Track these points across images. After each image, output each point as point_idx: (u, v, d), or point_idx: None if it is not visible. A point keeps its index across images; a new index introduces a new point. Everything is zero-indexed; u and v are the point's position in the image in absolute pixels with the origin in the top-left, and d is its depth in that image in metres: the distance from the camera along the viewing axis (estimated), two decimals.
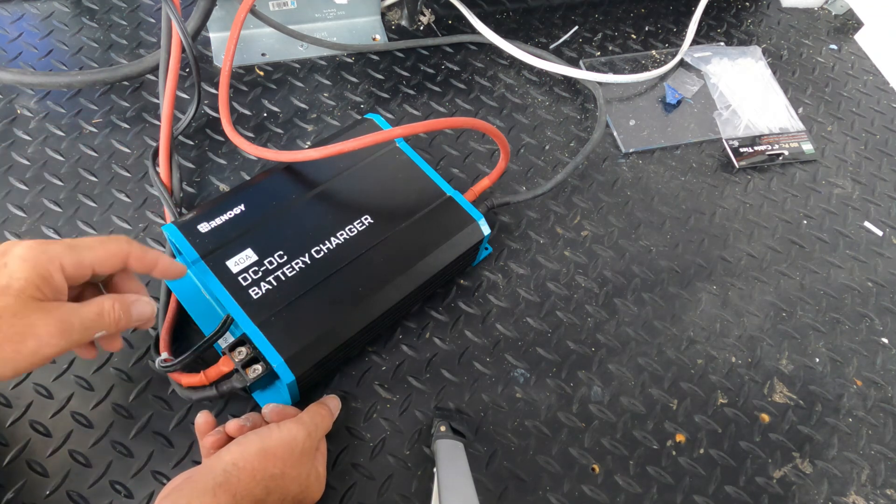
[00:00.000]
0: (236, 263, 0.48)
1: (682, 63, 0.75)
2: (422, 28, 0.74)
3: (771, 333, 0.58)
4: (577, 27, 0.77)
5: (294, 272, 0.48)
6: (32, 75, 0.59)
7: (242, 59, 0.68)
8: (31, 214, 0.56)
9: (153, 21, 0.70)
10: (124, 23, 0.70)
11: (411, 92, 0.69)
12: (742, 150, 0.69)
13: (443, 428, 0.48)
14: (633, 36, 0.77)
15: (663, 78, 0.74)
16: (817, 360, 0.57)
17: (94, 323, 0.38)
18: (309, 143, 0.64)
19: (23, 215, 0.56)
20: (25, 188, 0.58)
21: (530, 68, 0.72)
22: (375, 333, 0.53)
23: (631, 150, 0.68)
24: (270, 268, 0.48)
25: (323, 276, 0.48)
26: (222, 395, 0.47)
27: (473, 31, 0.73)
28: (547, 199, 0.63)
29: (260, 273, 0.47)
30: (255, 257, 0.48)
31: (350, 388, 0.51)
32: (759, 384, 0.55)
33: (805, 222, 0.65)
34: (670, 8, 0.81)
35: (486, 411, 0.51)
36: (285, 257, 0.48)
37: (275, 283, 0.47)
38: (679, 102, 0.72)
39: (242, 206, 0.50)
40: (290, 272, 0.48)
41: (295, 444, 0.42)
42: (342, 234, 0.50)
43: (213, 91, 0.65)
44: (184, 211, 0.56)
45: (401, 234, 0.51)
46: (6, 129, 0.61)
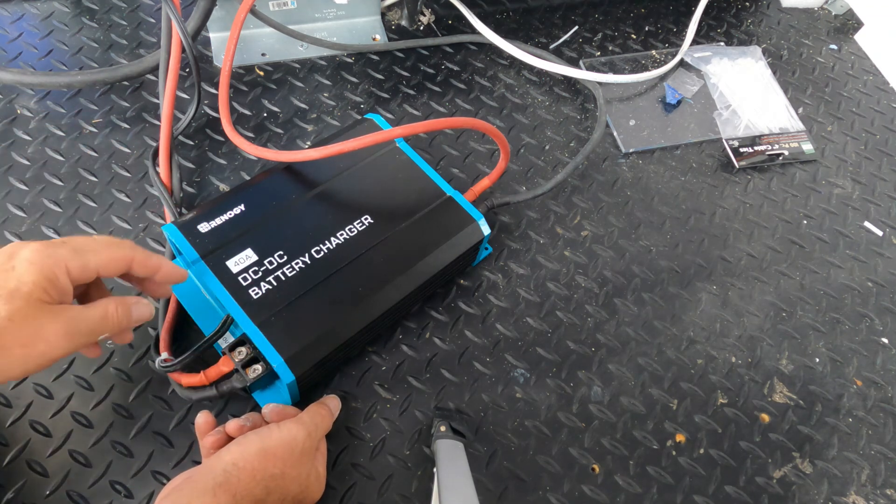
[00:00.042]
0: (236, 263, 0.48)
1: (682, 63, 0.75)
2: (422, 28, 0.74)
3: (771, 333, 0.58)
4: (577, 27, 0.77)
5: (294, 272, 0.48)
6: (32, 75, 0.59)
7: (242, 59, 0.68)
8: (31, 214, 0.56)
9: (153, 21, 0.70)
10: (124, 23, 0.70)
11: (411, 92, 0.69)
12: (742, 150, 0.69)
13: (443, 428, 0.48)
14: (633, 36, 0.77)
15: (663, 78, 0.74)
16: (817, 360, 0.57)
17: (98, 326, 0.39)
18: (309, 143, 0.64)
19: (23, 215, 0.56)
20: (25, 188, 0.58)
21: (530, 68, 0.72)
22: (375, 333, 0.53)
23: (631, 150, 0.68)
24: (270, 268, 0.48)
25: (323, 276, 0.48)
26: (222, 395, 0.47)
27: (473, 31, 0.73)
28: (547, 199, 0.63)
29: (260, 273, 0.47)
30: (255, 257, 0.48)
31: (350, 388, 0.51)
32: (759, 384, 0.55)
33: (805, 222, 0.65)
34: (670, 8, 0.81)
35: (486, 411, 0.51)
36: (285, 257, 0.48)
37: (275, 283, 0.47)
38: (679, 102, 0.72)
39: (242, 206, 0.50)
40: (290, 272, 0.48)
41: (295, 444, 0.42)
42: (342, 234, 0.50)
43: (213, 91, 0.65)
44: (184, 211, 0.56)
45: (401, 234, 0.51)
46: (6, 129, 0.61)
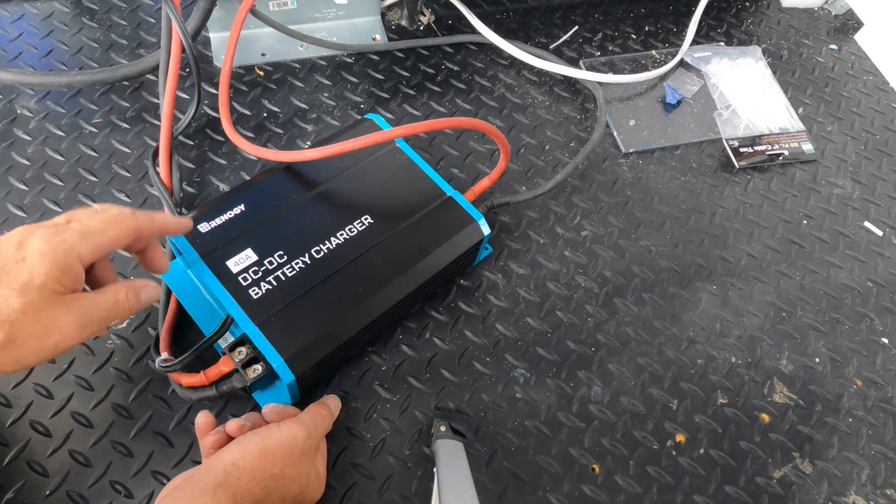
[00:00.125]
0: (236, 263, 0.48)
1: (682, 63, 0.75)
2: (422, 28, 0.74)
3: (771, 333, 0.58)
4: (577, 27, 0.77)
5: (294, 272, 0.48)
6: (32, 75, 0.59)
7: (242, 59, 0.68)
8: (31, 214, 0.56)
9: (153, 21, 0.70)
10: (124, 23, 0.70)
11: (411, 92, 0.69)
12: (742, 150, 0.69)
13: (443, 428, 0.48)
14: (633, 36, 0.77)
15: (663, 78, 0.74)
16: (817, 360, 0.57)
17: (109, 314, 0.39)
18: (309, 143, 0.64)
19: (23, 215, 0.56)
20: (25, 188, 0.58)
21: (530, 68, 0.72)
22: (375, 333, 0.53)
23: (631, 150, 0.68)
24: (270, 268, 0.48)
25: (323, 276, 0.48)
26: (222, 395, 0.47)
27: (473, 31, 0.73)
28: (547, 199, 0.63)
29: (260, 273, 0.47)
30: (255, 257, 0.48)
31: (350, 388, 0.51)
32: (759, 384, 0.55)
33: (805, 222, 0.65)
34: (670, 8, 0.81)
35: (486, 411, 0.51)
36: (285, 257, 0.48)
37: (275, 283, 0.47)
38: (679, 102, 0.72)
39: (242, 206, 0.50)
40: (290, 272, 0.48)
41: (295, 444, 0.42)
42: (342, 234, 0.50)
43: (213, 91, 0.65)
44: (184, 211, 0.57)
45: (401, 234, 0.51)
46: (6, 129, 0.61)
